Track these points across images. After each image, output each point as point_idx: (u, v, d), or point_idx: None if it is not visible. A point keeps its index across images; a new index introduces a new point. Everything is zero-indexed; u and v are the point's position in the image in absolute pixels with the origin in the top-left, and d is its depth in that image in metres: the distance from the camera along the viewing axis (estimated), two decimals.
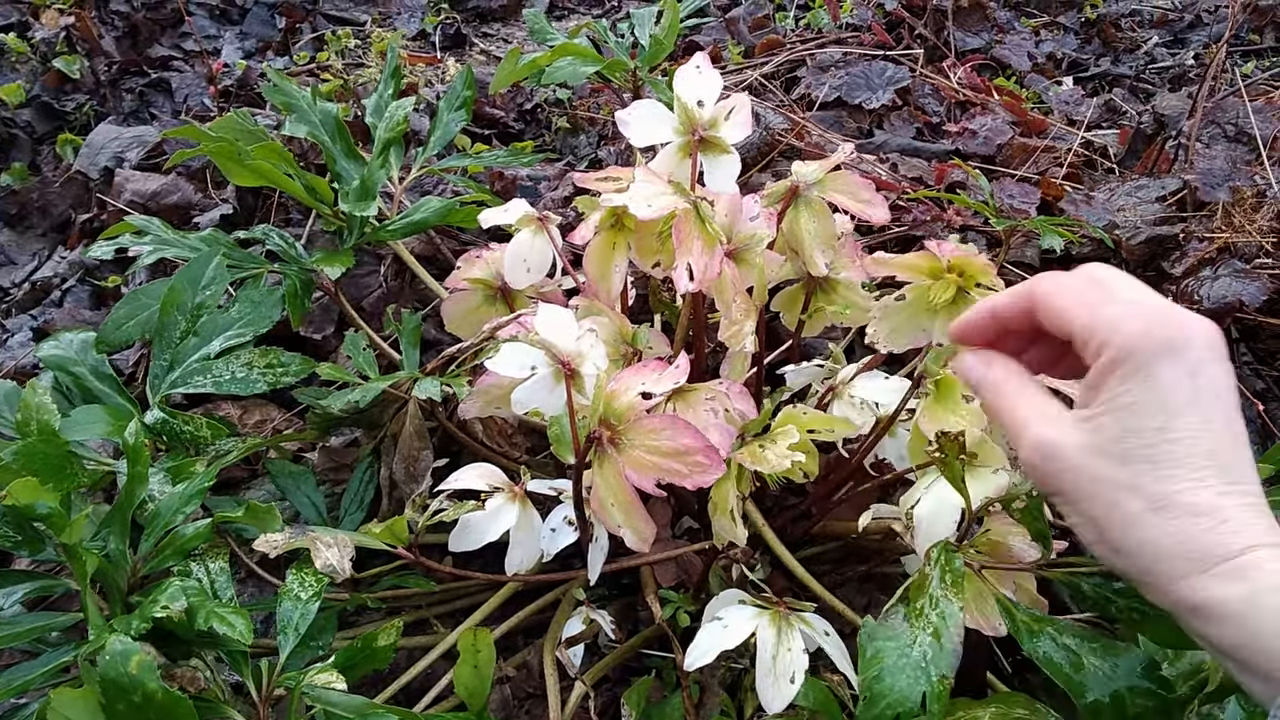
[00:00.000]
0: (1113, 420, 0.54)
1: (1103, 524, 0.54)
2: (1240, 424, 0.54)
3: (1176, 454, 0.52)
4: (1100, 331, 0.56)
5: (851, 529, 1.04)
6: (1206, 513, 0.50)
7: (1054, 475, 0.57)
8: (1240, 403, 0.55)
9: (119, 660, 0.74)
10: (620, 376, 0.82)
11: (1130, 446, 0.53)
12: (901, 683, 0.68)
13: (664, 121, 0.93)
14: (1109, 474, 0.53)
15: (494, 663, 0.80)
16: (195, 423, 0.97)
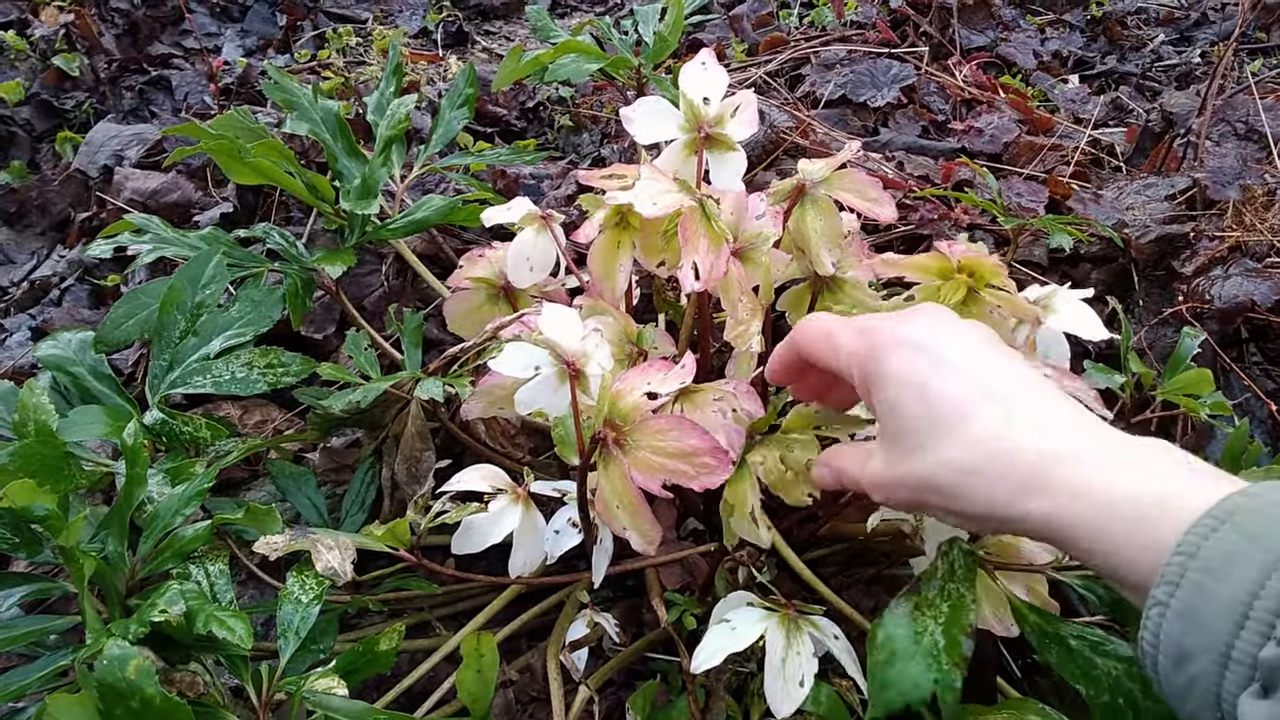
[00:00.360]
0: (890, 424, 0.59)
1: (950, 507, 0.57)
2: (996, 351, 0.59)
3: (950, 417, 0.55)
4: (844, 367, 0.64)
5: (859, 530, 1.03)
6: (1010, 450, 0.53)
7: (893, 500, 0.62)
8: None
9: (116, 665, 0.73)
10: (625, 376, 0.80)
11: (915, 434, 0.57)
12: (912, 670, 0.66)
13: (669, 118, 0.91)
14: (916, 467, 0.57)
15: (497, 667, 0.79)
16: (195, 423, 0.96)
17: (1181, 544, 0.45)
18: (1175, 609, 0.44)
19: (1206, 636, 0.43)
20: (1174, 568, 0.45)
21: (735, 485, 0.85)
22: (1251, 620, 0.41)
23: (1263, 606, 0.41)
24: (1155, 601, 0.45)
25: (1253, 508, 0.44)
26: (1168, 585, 0.45)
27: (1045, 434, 0.53)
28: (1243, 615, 0.42)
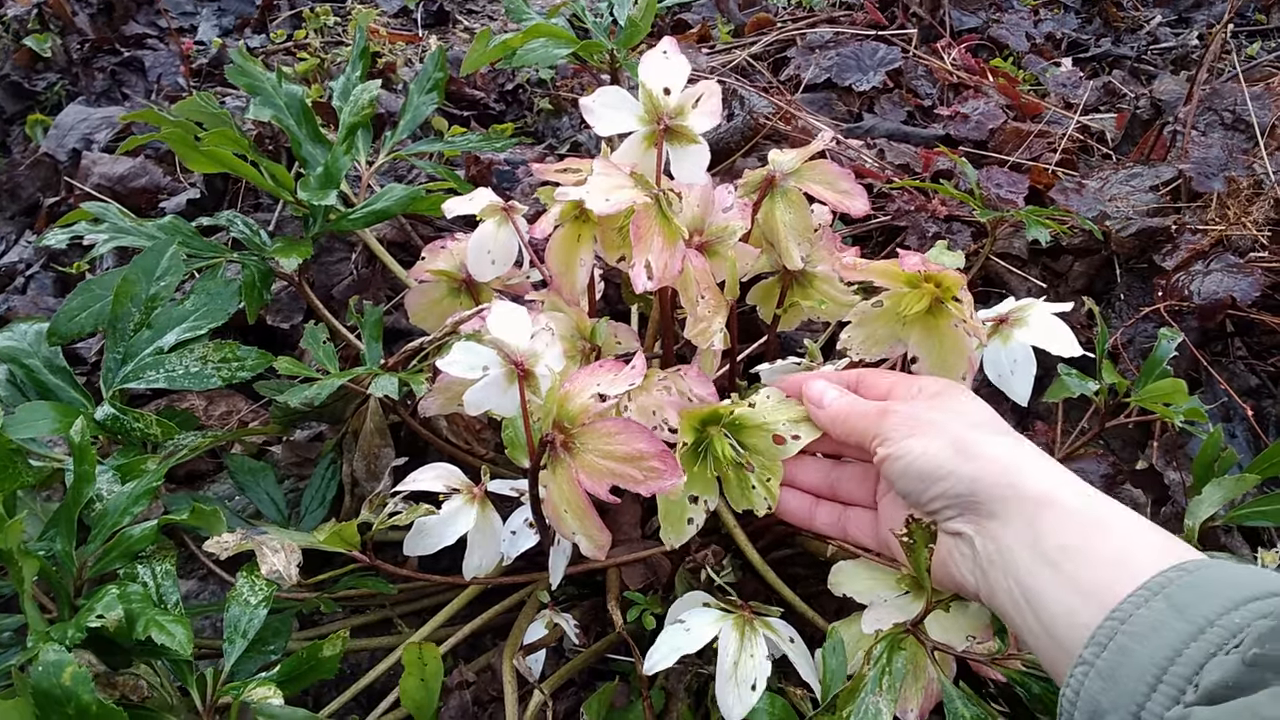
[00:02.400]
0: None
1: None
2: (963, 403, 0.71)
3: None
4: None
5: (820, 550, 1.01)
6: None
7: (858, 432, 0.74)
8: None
9: (52, 671, 0.71)
10: (575, 377, 0.78)
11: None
12: None
13: (629, 110, 0.88)
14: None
15: (442, 674, 0.77)
16: (145, 420, 0.94)
17: (1116, 610, 0.47)
18: (1099, 668, 0.47)
19: (1121, 695, 0.45)
20: (1105, 631, 0.47)
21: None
22: (1164, 684, 0.44)
23: (1176, 672, 0.43)
24: (1081, 661, 0.48)
25: (1186, 582, 0.47)
26: (1095, 646, 0.47)
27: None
28: (1156, 678, 0.44)
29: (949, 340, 0.83)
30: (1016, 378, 0.83)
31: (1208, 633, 0.44)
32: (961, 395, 0.74)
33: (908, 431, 0.70)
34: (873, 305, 0.88)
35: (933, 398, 0.74)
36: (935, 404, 0.72)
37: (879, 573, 0.79)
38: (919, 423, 0.70)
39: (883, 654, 0.67)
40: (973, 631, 0.72)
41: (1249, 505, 0.87)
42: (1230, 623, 0.44)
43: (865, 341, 0.88)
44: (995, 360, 0.84)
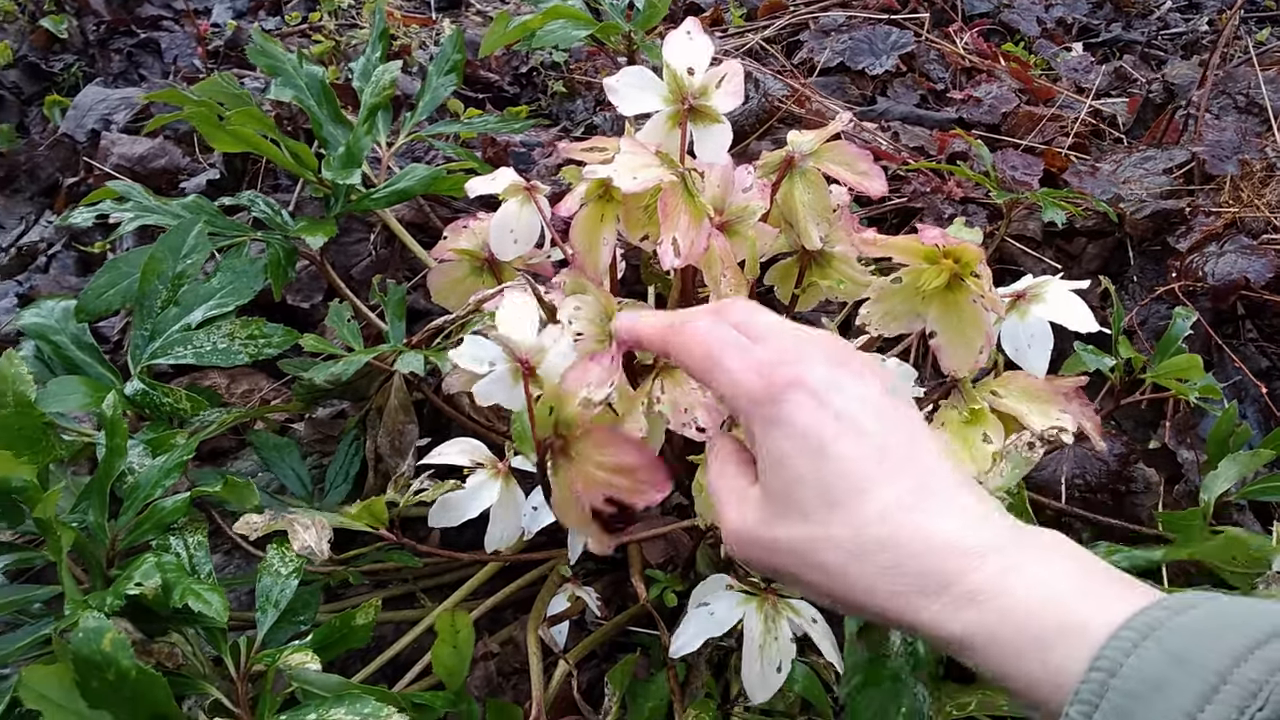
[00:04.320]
0: (774, 478, 0.51)
1: (822, 588, 0.49)
2: (907, 418, 0.51)
3: (845, 489, 0.48)
4: (726, 396, 0.54)
5: None
6: (907, 540, 0.46)
7: (756, 560, 0.53)
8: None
9: (92, 637, 0.73)
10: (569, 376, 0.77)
11: (801, 499, 0.49)
12: (878, 699, 0.67)
13: (653, 90, 0.90)
14: (797, 536, 0.49)
15: (473, 643, 0.79)
16: (175, 394, 0.96)
17: (1098, 659, 0.40)
18: None
19: None
20: (1091, 686, 0.40)
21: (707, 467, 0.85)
22: None
23: None
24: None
25: (1177, 624, 0.40)
26: (1083, 705, 0.40)
27: (948, 521, 0.47)
28: None
29: (967, 315, 0.84)
30: (1033, 352, 0.84)
31: (1222, 692, 0.37)
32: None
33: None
34: (891, 281, 0.89)
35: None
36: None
37: None
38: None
39: None
40: None
41: (1261, 481, 0.88)
42: (1244, 679, 0.37)
43: (884, 317, 0.89)
44: (1013, 334, 0.85)
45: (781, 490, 0.51)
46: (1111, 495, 1.06)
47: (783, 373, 0.52)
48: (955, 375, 0.86)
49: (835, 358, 0.53)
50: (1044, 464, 1.06)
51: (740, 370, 0.53)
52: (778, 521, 0.51)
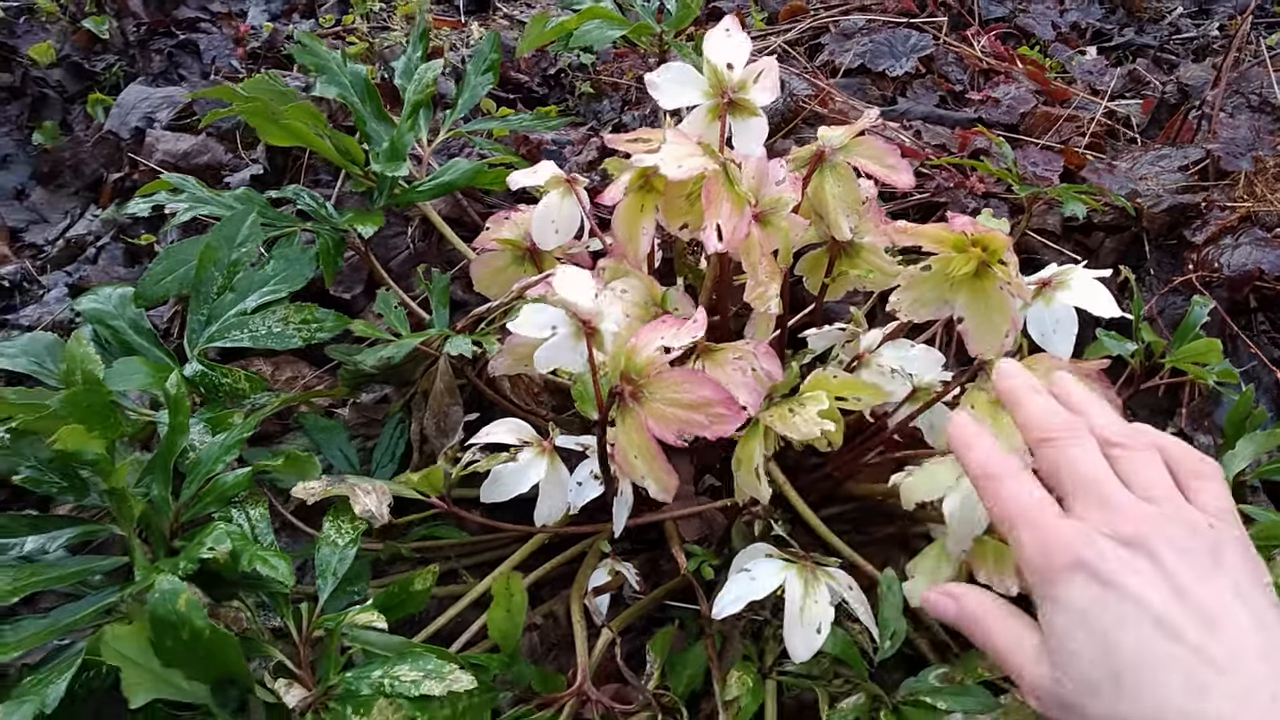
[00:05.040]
0: (1064, 651, 0.52)
1: None
2: (1204, 588, 0.49)
3: (1128, 676, 0.48)
4: (1018, 559, 0.55)
5: (873, 491, 1.06)
6: None
7: (1056, 713, 0.53)
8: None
9: (167, 598, 0.77)
10: (641, 332, 0.84)
11: (1088, 679, 0.50)
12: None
13: (693, 84, 0.94)
14: (1088, 710, 0.50)
15: (526, 607, 0.83)
16: (234, 375, 1.00)
17: None
18: None
19: None
20: None
21: (746, 442, 0.89)
22: None
23: None
24: None
25: None
26: None
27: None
28: None
29: (994, 301, 0.88)
30: (1058, 336, 0.88)
31: None
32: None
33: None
34: (921, 269, 0.93)
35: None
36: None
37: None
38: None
39: None
40: None
41: (1275, 462, 0.92)
42: None
43: (914, 304, 0.93)
44: (1039, 320, 0.89)
45: (1068, 661, 0.51)
46: None
47: (1062, 550, 0.52)
48: (982, 358, 0.90)
49: (1130, 531, 0.51)
50: None
51: (1026, 538, 0.55)
52: (1065, 687, 0.51)
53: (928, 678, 0.79)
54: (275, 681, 0.82)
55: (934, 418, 0.97)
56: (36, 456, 0.96)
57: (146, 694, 0.77)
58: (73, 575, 0.93)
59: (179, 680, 0.79)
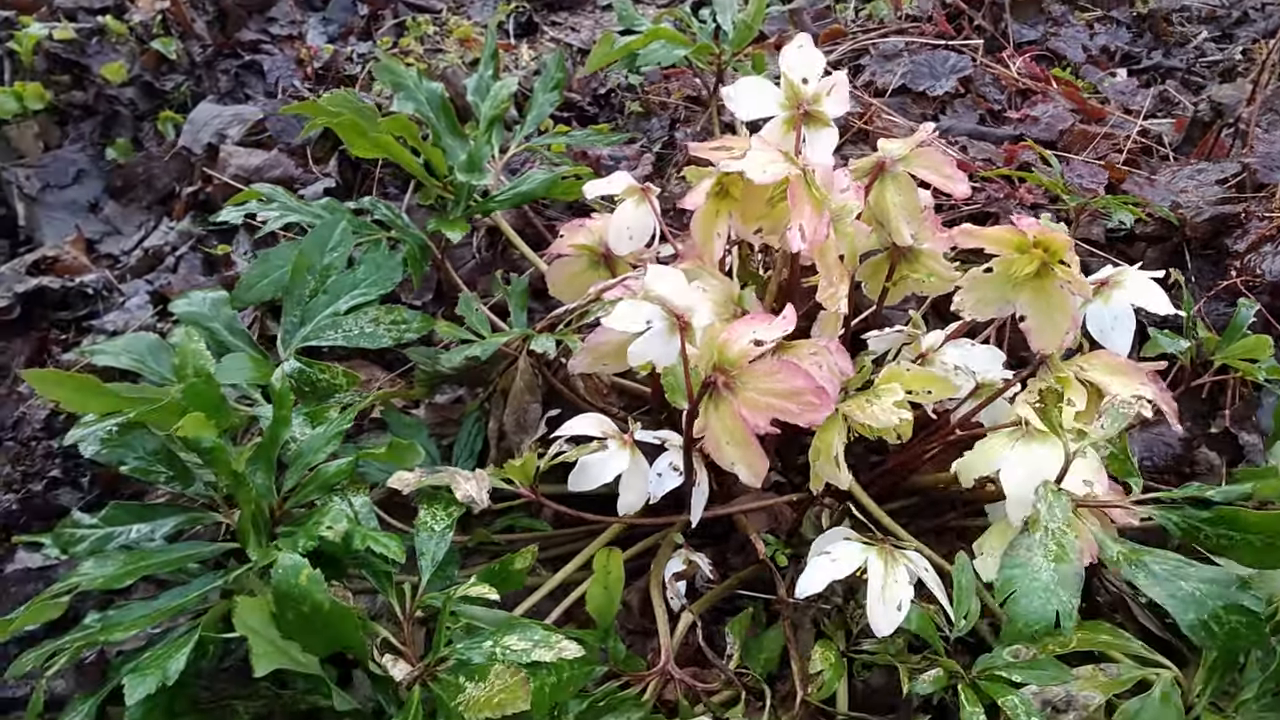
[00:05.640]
0: None
1: None
2: None
3: None
4: None
5: (933, 483, 1.11)
6: None
7: None
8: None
9: (290, 573, 0.82)
10: (732, 327, 0.89)
11: None
12: (1035, 604, 0.76)
13: (770, 96, 1.00)
14: None
15: (622, 583, 0.87)
16: (331, 371, 1.06)
17: None
18: None
19: None
20: None
21: (824, 432, 0.94)
22: None
23: None
24: None
25: None
26: None
27: None
28: None
29: (1055, 300, 0.94)
30: (1116, 333, 0.93)
31: None
32: None
33: None
34: (984, 270, 0.99)
35: None
36: None
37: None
38: None
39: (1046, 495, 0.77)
40: (1088, 477, 0.82)
41: None
42: None
43: (977, 303, 0.99)
44: (1098, 317, 0.94)
45: None
46: (1177, 476, 1.14)
47: None
48: (1044, 353, 0.96)
49: None
50: None
51: None
52: None
53: (1001, 654, 0.84)
54: (383, 657, 0.87)
55: (995, 412, 1.02)
56: (145, 448, 1.02)
57: (270, 663, 0.82)
58: (177, 561, 0.99)
59: (295, 652, 0.84)
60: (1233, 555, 0.77)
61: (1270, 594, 0.83)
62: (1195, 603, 0.74)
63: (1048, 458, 0.84)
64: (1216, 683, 0.82)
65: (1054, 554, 0.75)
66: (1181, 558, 0.76)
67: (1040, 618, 0.73)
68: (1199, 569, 0.75)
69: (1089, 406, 0.91)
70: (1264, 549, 0.76)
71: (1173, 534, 0.78)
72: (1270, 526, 0.75)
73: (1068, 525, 0.76)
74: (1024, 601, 0.74)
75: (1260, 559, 0.76)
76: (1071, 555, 0.74)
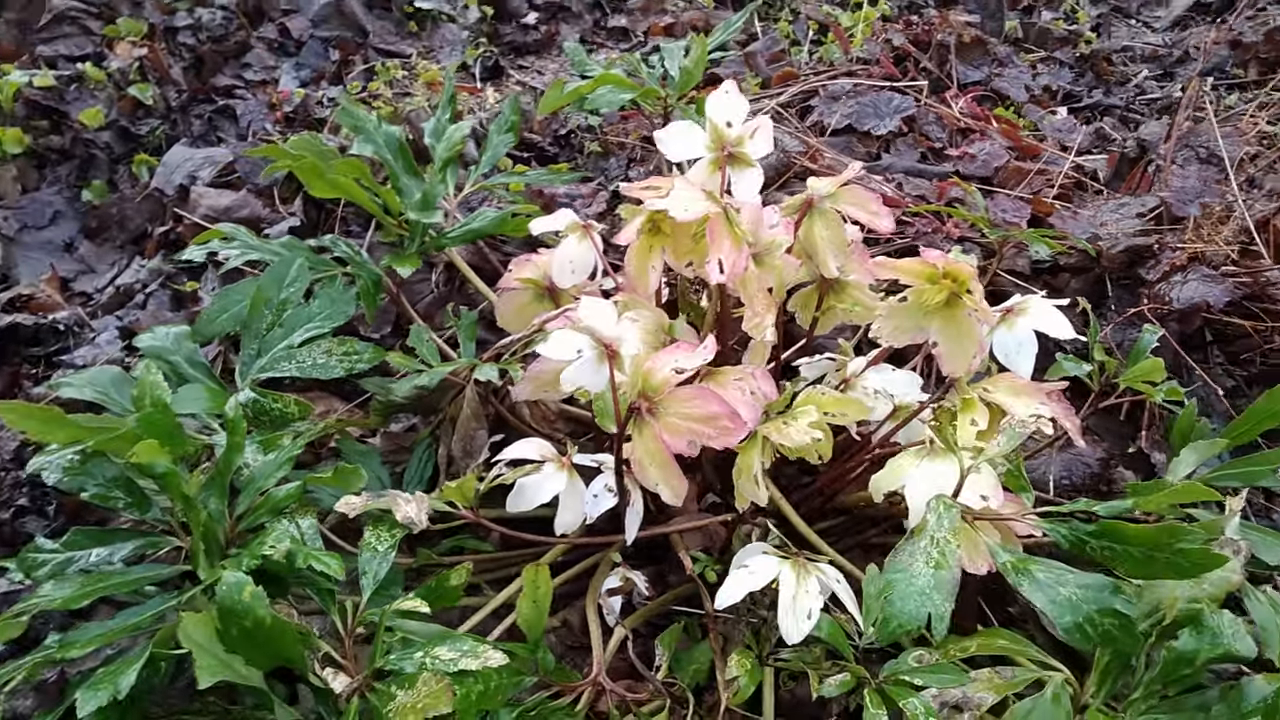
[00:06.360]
0: None
1: None
2: None
3: None
4: None
5: (859, 499, 1.17)
6: None
7: None
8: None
9: (233, 590, 0.87)
10: (656, 356, 0.95)
11: None
12: (909, 606, 0.81)
13: (697, 139, 1.07)
14: None
15: (550, 599, 0.92)
16: (284, 400, 1.11)
17: None
18: None
19: None
20: None
21: (746, 452, 1.00)
22: None
23: None
24: None
25: None
26: None
27: None
28: None
29: (964, 327, 1.00)
30: (1020, 357, 1.00)
31: None
32: None
33: None
34: (899, 300, 1.05)
35: None
36: None
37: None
38: None
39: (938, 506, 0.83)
40: (984, 492, 0.88)
41: (1221, 468, 1.03)
42: None
43: (894, 331, 1.05)
44: (1003, 343, 1.00)
45: None
46: (1095, 494, 1.20)
47: None
48: (953, 377, 1.02)
49: None
50: (1035, 466, 1.21)
51: None
52: None
53: (906, 659, 0.89)
54: (324, 670, 0.92)
55: (911, 433, 1.08)
56: (104, 475, 1.07)
57: (213, 676, 0.86)
58: (133, 582, 1.03)
59: (239, 666, 0.89)
60: (1116, 566, 0.82)
61: (1156, 602, 0.89)
62: (1071, 607, 0.79)
63: (947, 474, 0.90)
64: (1110, 685, 0.88)
65: (935, 561, 0.80)
66: (1065, 566, 0.82)
67: (913, 619, 0.78)
68: (1078, 575, 0.80)
69: (991, 426, 0.96)
70: (1143, 560, 0.81)
71: (1062, 546, 0.83)
72: (1149, 539, 0.80)
73: (953, 535, 0.81)
74: (899, 604, 0.79)
75: (1140, 570, 0.81)
76: (951, 563, 0.79)
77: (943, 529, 0.84)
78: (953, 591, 0.80)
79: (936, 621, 0.78)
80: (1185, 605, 0.87)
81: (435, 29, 2.27)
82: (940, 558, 0.83)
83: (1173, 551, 0.79)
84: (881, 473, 0.96)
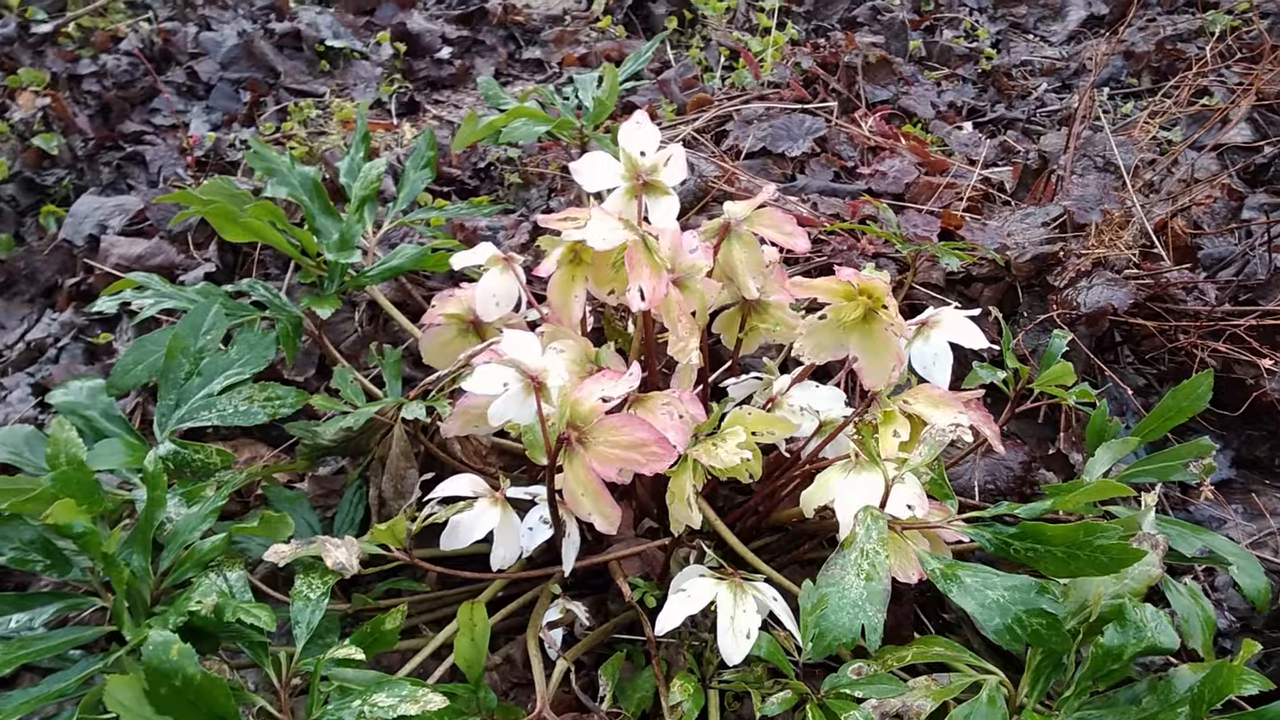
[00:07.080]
0: None
1: None
2: None
3: None
4: None
5: (791, 516, 1.18)
6: None
7: None
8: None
9: (160, 649, 0.84)
10: (582, 385, 0.96)
11: None
12: (843, 619, 0.82)
13: (612, 170, 1.08)
14: None
15: (488, 636, 0.92)
16: (205, 451, 1.09)
17: None
18: None
19: None
20: None
21: (678, 476, 1.01)
22: None
23: None
24: None
25: None
26: None
27: None
28: None
29: (881, 341, 1.02)
30: (937, 368, 1.02)
31: None
32: None
33: None
34: (818, 318, 1.07)
35: None
36: None
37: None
38: None
39: (866, 518, 0.84)
40: (910, 501, 0.90)
41: (1135, 465, 1.07)
42: None
43: (815, 348, 1.07)
44: (920, 355, 1.03)
45: None
46: (1018, 496, 1.23)
47: None
48: (874, 390, 1.04)
49: None
50: (960, 472, 1.24)
51: None
52: None
53: (845, 672, 0.90)
54: None
55: (838, 447, 1.10)
56: (20, 538, 1.03)
57: None
58: (58, 647, 1.00)
59: None
60: (1040, 566, 0.85)
61: (1082, 600, 0.92)
62: (1000, 609, 0.81)
63: (873, 486, 0.91)
64: (1043, 684, 0.90)
65: (866, 573, 0.82)
66: (992, 570, 0.84)
67: (847, 631, 0.80)
68: (1004, 578, 0.82)
69: (913, 436, 0.99)
70: (1065, 559, 0.83)
71: (988, 550, 0.85)
72: (1069, 538, 0.83)
73: (881, 545, 0.83)
74: (833, 617, 0.81)
75: (1063, 568, 0.84)
76: (882, 574, 0.81)
77: (871, 540, 0.86)
78: (885, 602, 0.81)
79: (870, 632, 0.79)
80: (1109, 601, 0.90)
81: (348, 66, 2.25)
82: (871, 569, 0.84)
83: (1092, 548, 0.82)
84: (811, 488, 0.98)
